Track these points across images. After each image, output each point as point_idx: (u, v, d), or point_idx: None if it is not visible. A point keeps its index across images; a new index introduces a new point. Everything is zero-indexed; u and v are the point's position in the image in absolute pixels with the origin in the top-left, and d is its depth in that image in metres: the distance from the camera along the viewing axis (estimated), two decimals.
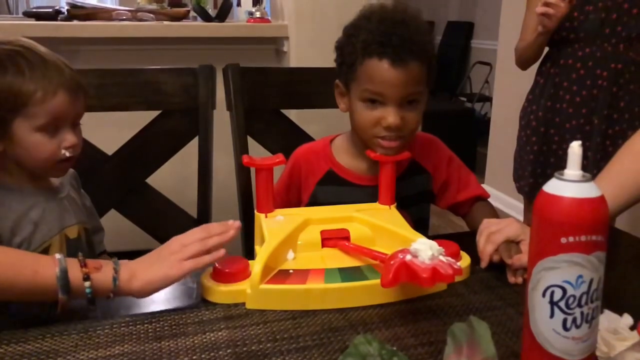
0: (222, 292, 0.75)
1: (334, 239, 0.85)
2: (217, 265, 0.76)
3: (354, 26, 0.95)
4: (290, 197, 1.07)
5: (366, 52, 0.91)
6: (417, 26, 0.93)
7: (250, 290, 0.74)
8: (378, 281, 0.73)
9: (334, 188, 1.03)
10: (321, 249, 0.84)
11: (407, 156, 0.97)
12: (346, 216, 0.89)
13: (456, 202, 1.09)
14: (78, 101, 0.88)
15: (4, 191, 0.87)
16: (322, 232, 0.85)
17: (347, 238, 0.85)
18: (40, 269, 0.69)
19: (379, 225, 0.87)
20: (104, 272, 0.71)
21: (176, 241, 0.76)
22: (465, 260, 0.84)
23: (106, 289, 0.70)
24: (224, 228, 0.78)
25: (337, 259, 0.82)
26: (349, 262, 0.81)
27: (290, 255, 0.81)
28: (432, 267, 0.67)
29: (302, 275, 0.77)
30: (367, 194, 0.98)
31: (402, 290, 0.75)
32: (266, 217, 0.88)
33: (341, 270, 0.78)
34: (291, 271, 0.78)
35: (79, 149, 0.91)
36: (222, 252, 0.76)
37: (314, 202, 1.04)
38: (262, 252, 0.77)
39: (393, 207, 0.94)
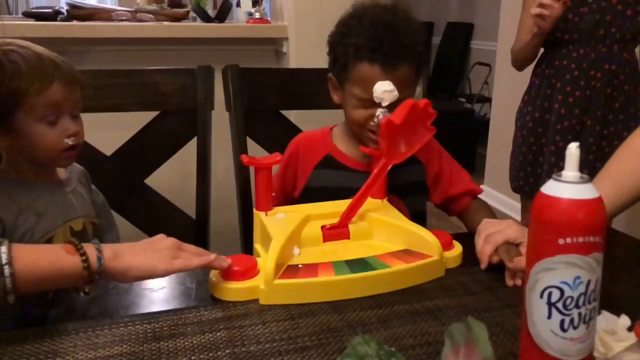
0: (235, 290, 0.75)
1: (333, 233, 0.88)
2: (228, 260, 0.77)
3: (347, 26, 0.98)
4: (286, 182, 1.10)
5: (357, 56, 0.95)
6: (408, 28, 0.96)
7: (264, 286, 0.74)
8: (385, 270, 0.78)
9: (331, 172, 1.06)
10: (322, 244, 0.86)
11: None
12: (344, 211, 0.90)
13: (449, 196, 1.11)
14: (74, 92, 0.92)
15: (9, 184, 0.91)
16: (322, 227, 0.87)
17: (347, 232, 0.88)
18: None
19: (376, 218, 0.90)
20: (87, 254, 0.70)
21: (172, 240, 0.76)
22: (457, 249, 0.87)
23: (91, 271, 0.69)
24: (217, 256, 0.78)
25: (340, 252, 0.84)
26: (352, 254, 0.83)
27: (296, 251, 0.83)
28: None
29: (311, 269, 0.78)
30: (362, 178, 1.00)
31: (408, 277, 0.79)
32: (266, 215, 0.89)
33: (348, 263, 0.80)
34: (300, 266, 0.79)
35: (81, 138, 0.94)
36: (212, 256, 0.76)
37: (310, 185, 1.07)
38: (272, 248, 0.78)
39: (385, 200, 0.97)
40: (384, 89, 0.92)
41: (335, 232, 0.87)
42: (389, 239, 0.87)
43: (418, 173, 1.09)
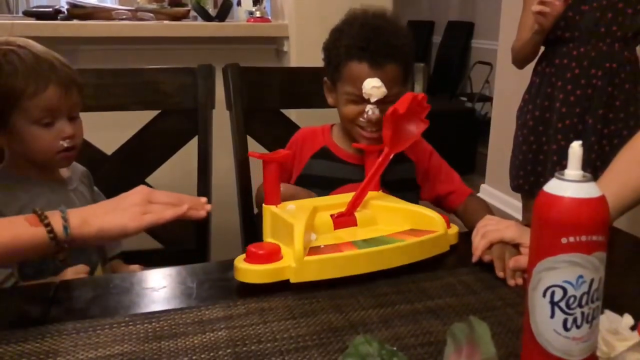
0: (262, 272, 0.76)
1: (342, 221, 0.91)
2: (250, 248, 0.78)
3: (339, 30, 1.07)
4: (284, 169, 1.15)
5: (348, 56, 1.03)
6: (395, 30, 1.05)
7: (295, 263, 0.76)
8: (404, 243, 0.83)
9: (326, 162, 1.14)
10: (334, 231, 0.89)
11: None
12: (348, 202, 0.93)
13: (437, 194, 1.17)
14: (71, 95, 0.92)
15: (11, 181, 0.92)
16: (331, 216, 0.90)
17: (354, 219, 0.91)
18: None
19: (378, 204, 0.95)
20: (52, 223, 0.69)
21: (141, 193, 0.75)
22: (454, 228, 0.92)
23: (59, 240, 0.69)
24: (195, 202, 0.77)
25: (354, 236, 0.87)
26: (365, 235, 0.87)
27: (313, 236, 0.85)
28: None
29: (334, 248, 0.82)
30: (354, 171, 1.09)
31: (423, 249, 0.84)
32: (277, 207, 0.90)
33: (365, 241, 0.84)
34: (322, 246, 0.82)
35: (78, 140, 0.95)
36: (185, 206, 0.75)
37: (306, 173, 1.14)
38: (297, 230, 0.78)
39: (380, 192, 1.01)
40: (373, 85, 0.99)
41: (344, 219, 0.91)
42: (393, 222, 0.91)
43: (409, 170, 1.15)
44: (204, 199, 0.79)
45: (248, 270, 0.76)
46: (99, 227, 0.71)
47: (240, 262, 0.78)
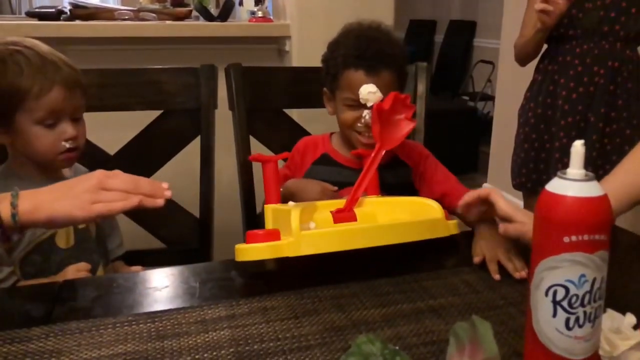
0: (260, 248, 0.76)
1: (342, 216, 0.91)
2: (250, 231, 0.78)
3: (336, 43, 1.12)
4: (287, 176, 1.19)
5: (345, 65, 1.08)
6: (389, 40, 1.10)
7: (293, 237, 0.76)
8: (403, 221, 0.86)
9: (326, 167, 1.17)
10: (334, 225, 0.89)
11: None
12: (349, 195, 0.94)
13: (435, 196, 1.15)
14: (75, 96, 0.92)
15: (13, 179, 0.92)
16: (331, 212, 0.91)
17: (354, 215, 0.92)
18: None
19: (378, 200, 0.97)
20: (0, 210, 0.69)
21: (95, 179, 0.72)
22: (454, 220, 0.93)
23: (8, 227, 0.69)
24: (153, 188, 0.73)
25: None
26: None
27: (312, 225, 0.86)
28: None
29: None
30: (353, 174, 1.09)
31: (421, 229, 0.85)
32: (277, 204, 0.91)
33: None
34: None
35: (81, 141, 0.96)
36: (137, 198, 0.71)
37: (307, 178, 1.15)
38: (293, 212, 0.78)
39: (379, 196, 1.02)
40: (369, 91, 1.04)
41: (344, 215, 0.92)
42: (393, 215, 0.93)
43: (405, 174, 1.18)
44: (165, 184, 0.75)
45: (247, 249, 0.77)
46: (48, 214, 0.70)
47: (240, 245, 0.79)
